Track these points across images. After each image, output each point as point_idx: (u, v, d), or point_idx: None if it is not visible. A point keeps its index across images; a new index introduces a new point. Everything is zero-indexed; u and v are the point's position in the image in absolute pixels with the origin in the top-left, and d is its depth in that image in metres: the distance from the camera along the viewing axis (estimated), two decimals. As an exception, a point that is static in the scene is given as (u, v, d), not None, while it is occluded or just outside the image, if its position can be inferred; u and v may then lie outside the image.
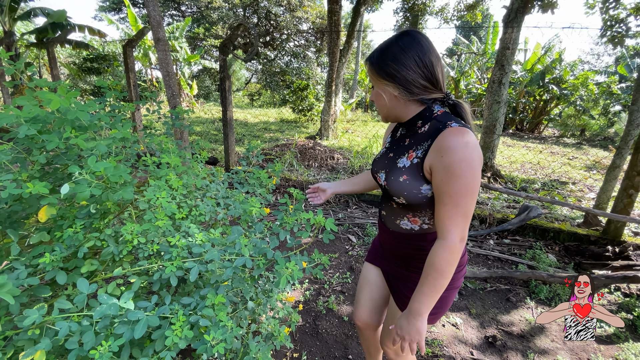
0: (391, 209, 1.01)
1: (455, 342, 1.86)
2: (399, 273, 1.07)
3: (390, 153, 1.00)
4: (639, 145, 2.65)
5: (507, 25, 4.72)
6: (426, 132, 0.90)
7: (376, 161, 1.05)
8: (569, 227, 3.05)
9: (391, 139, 1.06)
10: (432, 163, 0.83)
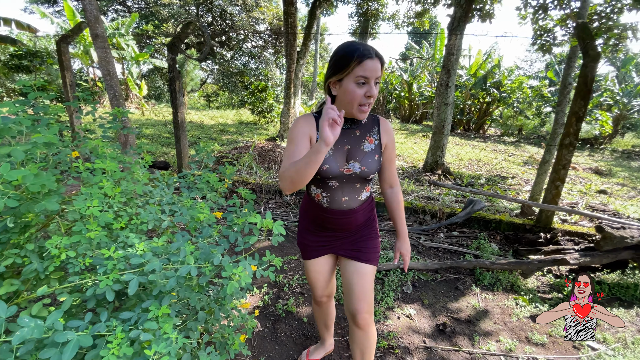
0: (354, 190, 1.22)
1: (409, 333, 1.95)
2: (361, 236, 1.30)
3: (347, 146, 1.18)
4: (563, 142, 2.98)
5: (451, 33, 5.06)
6: (367, 122, 1.21)
7: (330, 159, 1.15)
8: (508, 218, 3.34)
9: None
10: (387, 141, 1.23)
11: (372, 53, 1.02)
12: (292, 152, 1.10)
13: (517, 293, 2.40)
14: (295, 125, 1.15)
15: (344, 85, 1.06)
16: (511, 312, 2.19)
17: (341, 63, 1.04)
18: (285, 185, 1.03)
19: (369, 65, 1.01)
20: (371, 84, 1.04)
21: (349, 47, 1.04)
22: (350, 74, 1.03)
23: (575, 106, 2.82)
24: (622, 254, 2.51)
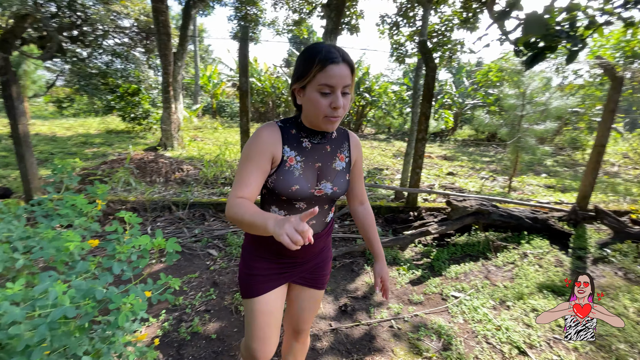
0: (321, 213, 1.07)
1: (317, 321, 2.10)
2: (319, 263, 1.17)
3: (319, 163, 1.03)
4: (418, 137, 3.68)
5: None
6: (337, 136, 1.09)
7: (301, 179, 0.99)
8: (385, 203, 3.92)
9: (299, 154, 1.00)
10: (356, 157, 1.13)
11: (338, 57, 0.87)
12: (245, 174, 0.93)
13: (398, 265, 2.86)
14: (255, 139, 0.96)
15: (307, 94, 0.92)
16: (396, 282, 2.61)
17: (303, 68, 0.90)
18: (229, 219, 0.89)
19: (334, 72, 0.87)
20: (337, 93, 0.89)
21: (311, 50, 0.90)
22: (312, 82, 0.89)
23: (423, 107, 3.52)
24: (467, 220, 3.28)
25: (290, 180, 0.98)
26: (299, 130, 1.01)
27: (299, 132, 1.01)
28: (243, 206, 0.85)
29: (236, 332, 1.96)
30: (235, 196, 0.91)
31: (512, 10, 1.77)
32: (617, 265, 2.93)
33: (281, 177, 0.97)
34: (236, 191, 0.92)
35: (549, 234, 3.35)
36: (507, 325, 2.08)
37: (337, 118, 0.92)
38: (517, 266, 2.84)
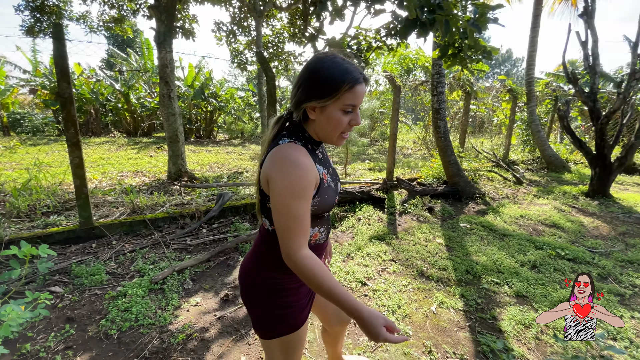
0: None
1: (202, 316, 2.19)
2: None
3: (331, 168, 1.06)
4: (268, 137, 4.13)
5: (160, 46, 5.28)
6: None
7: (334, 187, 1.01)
8: (250, 200, 4.21)
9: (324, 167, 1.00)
10: None
11: (362, 76, 0.90)
12: (302, 218, 0.85)
13: (269, 250, 3.21)
14: (303, 171, 0.86)
15: (328, 112, 0.90)
16: (268, 264, 2.95)
17: (328, 87, 0.87)
18: (297, 273, 0.85)
19: (360, 92, 0.89)
20: (357, 111, 0.92)
21: (338, 69, 0.87)
22: (338, 101, 0.88)
23: (269, 111, 3.99)
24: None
25: (332, 195, 1.00)
26: (312, 144, 0.99)
27: (312, 146, 0.99)
28: (326, 275, 0.83)
29: (112, 356, 1.83)
30: (302, 249, 0.85)
31: (318, 35, 2.39)
32: (412, 213, 4.25)
33: (325, 195, 0.97)
34: (301, 241, 0.85)
35: (372, 201, 4.47)
36: (353, 269, 2.77)
37: (348, 135, 0.96)
38: (355, 228, 3.71)
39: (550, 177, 6.83)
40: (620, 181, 6.68)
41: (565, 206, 4.76)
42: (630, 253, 3.25)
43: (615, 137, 4.89)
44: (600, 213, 4.50)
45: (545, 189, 5.66)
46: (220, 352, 1.89)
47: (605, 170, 5.02)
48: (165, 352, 1.87)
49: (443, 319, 2.19)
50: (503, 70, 46.90)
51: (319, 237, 1.04)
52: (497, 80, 10.58)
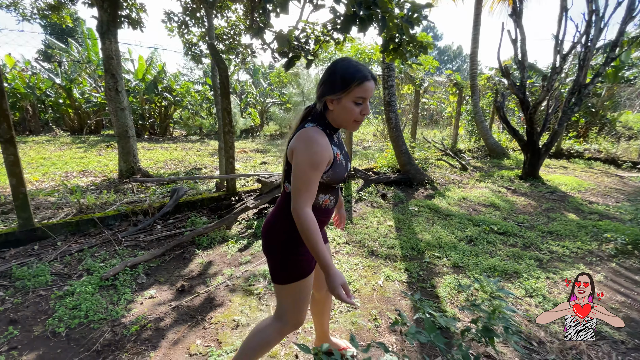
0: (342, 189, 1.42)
1: (156, 307, 2.20)
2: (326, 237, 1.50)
3: (344, 151, 1.29)
4: (224, 131, 4.11)
5: (104, 37, 4.99)
6: None
7: (344, 165, 1.25)
8: (208, 195, 4.18)
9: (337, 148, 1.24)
10: None
11: (370, 75, 1.13)
12: (311, 184, 1.11)
13: (227, 241, 3.25)
14: (320, 148, 1.11)
15: (343, 103, 1.14)
16: (227, 254, 3.00)
17: (342, 83, 1.11)
18: (299, 225, 1.10)
19: (368, 87, 1.12)
20: (366, 103, 1.16)
21: (350, 69, 1.12)
22: (350, 94, 1.12)
23: (223, 104, 3.98)
24: (276, 192, 4.03)
25: (342, 171, 1.23)
26: (330, 129, 1.22)
27: (331, 130, 1.23)
28: (317, 231, 1.09)
29: (60, 353, 1.80)
30: (306, 206, 1.11)
31: (265, 28, 2.45)
32: (367, 200, 4.49)
33: (337, 170, 1.21)
34: (306, 201, 1.11)
35: (331, 190, 4.64)
36: (309, 254, 2.91)
37: (361, 122, 1.20)
38: (313, 216, 3.85)
39: (492, 163, 7.49)
40: (549, 164, 7.50)
41: (502, 188, 5.29)
42: (551, 225, 3.73)
43: (543, 125, 5.50)
44: (530, 193, 5.06)
45: (487, 174, 6.23)
46: (176, 338, 1.93)
47: (535, 155, 5.64)
48: (118, 343, 1.88)
49: (388, 291, 2.40)
50: (455, 66, 49.67)
51: (328, 203, 1.29)
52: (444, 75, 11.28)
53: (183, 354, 1.82)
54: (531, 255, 2.96)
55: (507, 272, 2.66)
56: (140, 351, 1.82)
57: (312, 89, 7.02)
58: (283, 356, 1.80)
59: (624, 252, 3.09)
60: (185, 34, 8.75)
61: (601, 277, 2.64)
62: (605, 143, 8.95)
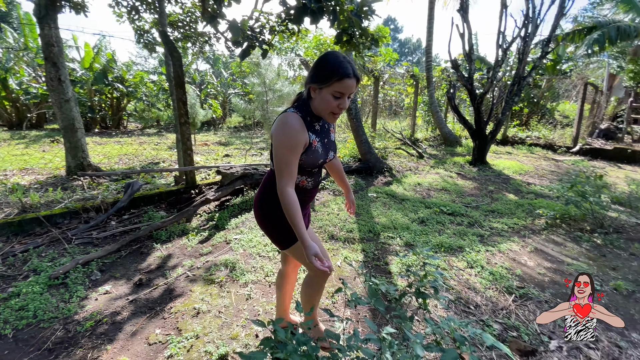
0: (322, 171, 1.47)
1: (112, 302, 2.17)
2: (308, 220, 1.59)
3: (325, 139, 1.37)
4: (181, 122, 4.01)
5: (42, 21, 4.59)
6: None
7: (320, 152, 1.33)
8: (166, 189, 4.07)
9: (316, 136, 1.32)
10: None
11: (352, 73, 1.17)
12: (291, 165, 1.21)
13: (187, 234, 3.22)
14: (291, 131, 1.20)
15: (322, 94, 1.21)
16: (187, 246, 2.98)
17: (324, 75, 1.18)
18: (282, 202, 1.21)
19: (347, 84, 1.17)
20: (345, 98, 1.21)
21: (334, 63, 1.17)
22: (329, 87, 1.18)
23: (178, 94, 3.87)
24: (236, 183, 4.03)
25: (316, 156, 1.32)
26: (312, 116, 1.30)
27: (312, 118, 1.30)
28: (296, 207, 1.20)
29: (7, 354, 1.73)
30: (287, 186, 1.21)
31: (217, 17, 2.43)
32: (329, 189, 4.62)
33: (310, 155, 1.29)
34: (287, 181, 1.21)
35: (293, 180, 4.71)
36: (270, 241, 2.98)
37: (338, 115, 1.28)
38: (275, 206, 3.91)
39: (446, 150, 7.97)
40: (496, 151, 8.14)
41: (453, 173, 5.68)
42: (494, 205, 4.11)
43: (489, 114, 5.95)
44: (477, 177, 5.50)
45: (440, 161, 6.64)
46: (134, 330, 1.93)
47: (483, 142, 6.11)
48: (71, 340, 1.84)
49: (346, 270, 2.55)
50: (415, 58, 51.32)
51: (305, 184, 1.40)
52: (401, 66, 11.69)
53: (142, 343, 1.83)
54: (474, 232, 3.27)
55: (453, 247, 2.93)
56: (95, 345, 1.79)
57: (274, 80, 6.97)
58: (244, 337, 1.87)
59: (553, 225, 3.51)
60: (136, 20, 8.24)
61: (532, 247, 3.00)
62: (545, 130, 9.86)
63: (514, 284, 2.38)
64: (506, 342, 1.84)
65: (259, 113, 7.07)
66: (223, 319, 2.02)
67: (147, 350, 1.77)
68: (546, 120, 10.71)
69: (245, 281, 2.41)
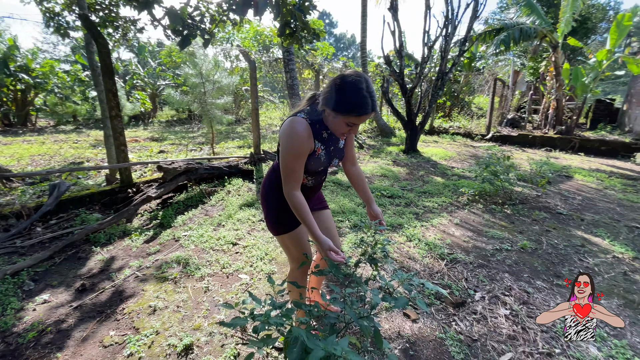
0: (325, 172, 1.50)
1: (54, 311, 2.00)
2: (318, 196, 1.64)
3: (332, 147, 1.39)
4: (111, 115, 3.69)
5: None
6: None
7: (323, 160, 1.36)
8: (98, 189, 3.74)
9: (322, 144, 1.34)
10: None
11: (370, 108, 1.18)
12: (297, 170, 1.27)
13: (130, 234, 3.04)
14: (299, 138, 1.23)
15: (337, 118, 1.21)
16: (132, 247, 2.82)
17: (344, 107, 1.18)
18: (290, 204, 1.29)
19: (364, 118, 1.20)
20: (357, 126, 1.25)
21: (358, 97, 1.16)
22: (345, 118, 1.19)
23: (107, 85, 3.56)
24: (180, 179, 3.87)
25: (318, 164, 1.35)
26: (321, 124, 1.32)
27: (321, 126, 1.32)
28: (305, 209, 1.27)
29: None
30: (293, 189, 1.28)
31: (153, 2, 2.31)
32: (278, 180, 4.70)
33: (312, 162, 1.32)
34: (294, 185, 1.28)
35: (241, 174, 4.68)
36: (224, 235, 2.98)
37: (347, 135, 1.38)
38: (225, 200, 3.87)
39: (383, 141, 8.58)
40: (425, 140, 9.01)
41: (389, 161, 6.18)
42: (425, 187, 4.62)
43: (417, 106, 6.57)
44: (410, 163, 6.08)
45: (378, 150, 7.14)
46: (84, 335, 1.82)
47: (413, 132, 6.73)
48: (14, 353, 1.68)
49: (301, 255, 2.70)
50: (350, 53, 53.08)
51: (307, 182, 1.45)
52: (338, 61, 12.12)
53: (96, 347, 1.74)
54: (410, 211, 3.67)
55: (394, 225, 3.26)
56: (43, 355, 1.66)
57: (211, 71, 6.71)
58: (207, 326, 1.90)
59: (473, 200, 4.10)
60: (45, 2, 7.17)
61: (458, 220, 3.48)
62: (464, 121, 11.16)
63: (445, 252, 2.77)
64: (442, 298, 2.17)
65: (196, 106, 6.74)
66: (183, 313, 2.01)
67: (104, 353, 1.70)
68: (465, 112, 12.12)
69: (201, 275, 2.40)
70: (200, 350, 1.73)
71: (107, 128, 4.52)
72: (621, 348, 1.76)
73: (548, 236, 3.13)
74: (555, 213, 3.74)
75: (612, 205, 4.07)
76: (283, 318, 0.99)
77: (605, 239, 3.08)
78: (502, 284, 2.35)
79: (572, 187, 4.85)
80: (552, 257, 2.75)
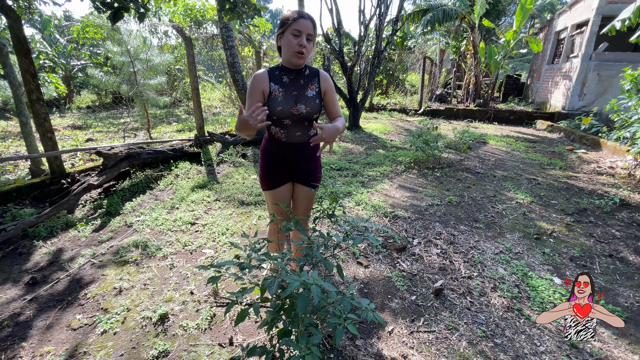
0: (304, 127, 1.56)
1: (4, 308, 1.90)
2: (312, 168, 1.69)
3: (294, 91, 1.50)
4: (32, 99, 3.31)
5: None
6: (309, 73, 1.55)
7: (282, 102, 1.47)
8: (25, 182, 3.38)
9: (280, 86, 1.48)
10: (325, 87, 1.58)
11: (305, 15, 1.41)
12: (248, 103, 1.48)
13: (75, 225, 2.87)
14: (255, 78, 1.48)
15: (285, 37, 1.43)
16: (80, 237, 2.69)
17: (284, 21, 1.43)
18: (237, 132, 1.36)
19: (302, 22, 1.40)
20: (303, 36, 1.41)
21: (290, 11, 1.45)
22: (289, 28, 1.41)
23: (24, 65, 3.16)
24: (122, 164, 3.67)
25: (275, 104, 1.47)
26: (280, 70, 1.51)
27: (281, 71, 1.51)
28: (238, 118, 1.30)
29: None
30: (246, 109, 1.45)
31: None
32: (229, 161, 4.69)
33: (270, 103, 1.47)
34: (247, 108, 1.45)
35: (187, 157, 4.57)
36: (180, 216, 2.99)
37: (303, 55, 1.43)
38: (174, 184, 3.80)
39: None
40: (366, 117, 9.53)
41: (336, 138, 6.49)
42: (369, 159, 5.03)
43: (357, 84, 6.91)
44: (354, 139, 6.47)
45: (324, 127, 7.40)
46: (48, 323, 1.79)
47: (355, 109, 7.10)
48: (-36, 353, 1.60)
49: (261, 225, 2.86)
50: (288, 30, 51.67)
51: (279, 136, 1.57)
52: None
53: (63, 331, 1.74)
54: (357, 180, 4.02)
55: (344, 193, 3.57)
56: (6, 347, 1.62)
57: (138, 48, 6.19)
58: (179, 297, 2.00)
59: (409, 167, 4.61)
60: None
61: (397, 185, 3.93)
62: (399, 97, 11.95)
63: (388, 211, 3.17)
64: (387, 245, 2.54)
65: (125, 87, 6.20)
66: (151, 289, 2.07)
67: (74, 335, 1.72)
68: (400, 89, 12.94)
69: (163, 254, 2.44)
70: (176, 317, 1.84)
71: (22, 115, 4.00)
72: (520, 267, 2.30)
73: (469, 191, 3.73)
74: (474, 172, 4.42)
75: (517, 163, 4.93)
76: (263, 256, 1.18)
77: (511, 190, 3.78)
78: (434, 231, 2.81)
79: (488, 151, 5.68)
80: (472, 207, 3.33)
